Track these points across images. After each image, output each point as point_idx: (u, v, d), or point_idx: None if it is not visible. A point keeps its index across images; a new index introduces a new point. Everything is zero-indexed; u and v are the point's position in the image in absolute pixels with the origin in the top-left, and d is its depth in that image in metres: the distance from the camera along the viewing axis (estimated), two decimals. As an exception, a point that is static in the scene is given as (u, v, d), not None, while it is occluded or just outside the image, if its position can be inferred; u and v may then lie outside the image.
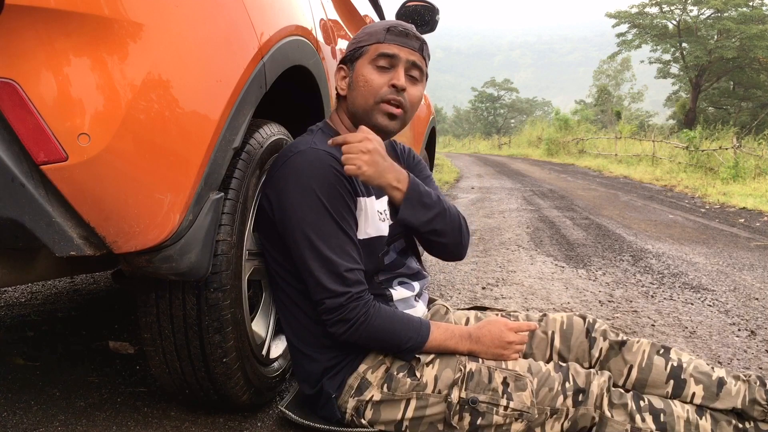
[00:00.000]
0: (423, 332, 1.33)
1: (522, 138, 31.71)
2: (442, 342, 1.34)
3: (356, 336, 1.30)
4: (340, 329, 1.30)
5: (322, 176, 1.30)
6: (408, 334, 1.32)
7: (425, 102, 3.88)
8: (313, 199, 1.29)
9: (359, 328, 1.29)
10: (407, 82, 1.40)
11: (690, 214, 6.55)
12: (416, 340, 1.32)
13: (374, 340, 1.32)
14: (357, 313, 1.28)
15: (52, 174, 0.95)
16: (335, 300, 1.28)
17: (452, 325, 1.38)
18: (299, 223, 1.30)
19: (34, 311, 2.33)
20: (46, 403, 1.51)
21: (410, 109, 1.42)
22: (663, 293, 3.06)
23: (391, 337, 1.31)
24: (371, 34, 1.41)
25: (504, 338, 1.35)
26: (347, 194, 1.33)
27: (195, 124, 1.12)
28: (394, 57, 1.38)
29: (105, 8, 0.97)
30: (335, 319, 1.29)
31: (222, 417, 1.46)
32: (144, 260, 1.13)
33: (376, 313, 1.30)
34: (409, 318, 1.35)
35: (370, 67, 1.39)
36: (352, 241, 1.32)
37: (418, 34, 1.43)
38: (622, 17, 33.38)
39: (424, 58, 1.43)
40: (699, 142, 13.19)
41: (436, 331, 1.34)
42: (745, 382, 1.36)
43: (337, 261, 1.28)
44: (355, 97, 1.41)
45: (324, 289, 1.29)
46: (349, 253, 1.31)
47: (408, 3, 2.82)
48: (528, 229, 5.19)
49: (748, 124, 24.62)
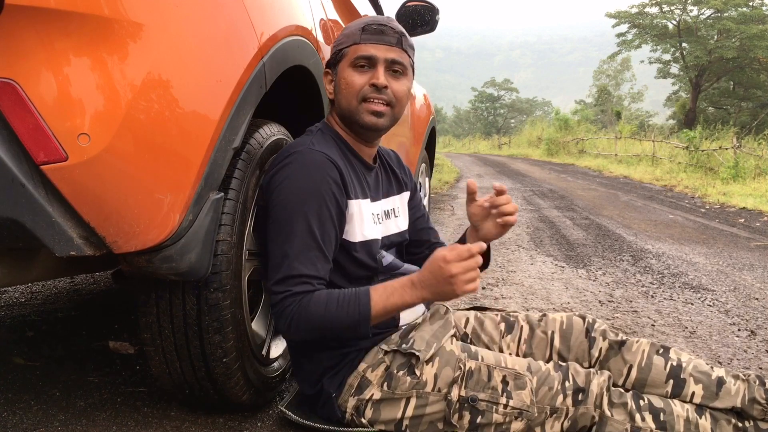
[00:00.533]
0: (363, 301, 1.25)
1: (522, 138, 31.71)
2: (387, 301, 1.25)
3: (297, 329, 1.26)
4: (282, 326, 1.28)
5: (315, 178, 1.31)
6: (348, 311, 1.24)
7: (425, 102, 3.89)
8: (298, 198, 1.30)
9: (296, 320, 1.25)
10: (389, 78, 1.39)
11: (690, 214, 6.55)
12: (360, 312, 1.25)
13: (317, 329, 1.27)
14: (291, 309, 1.25)
15: (52, 174, 0.95)
16: (274, 297, 1.28)
17: (392, 281, 1.29)
18: (278, 214, 1.31)
19: (34, 311, 2.33)
20: (46, 403, 1.51)
21: (397, 103, 1.42)
22: (663, 293, 3.06)
23: (332, 320, 1.25)
24: (348, 35, 1.41)
25: (445, 273, 1.20)
26: (337, 198, 1.33)
27: (195, 124, 1.12)
28: (371, 58, 1.38)
29: (105, 8, 0.97)
30: (276, 316, 1.29)
31: (222, 417, 1.46)
32: (144, 260, 1.13)
33: (309, 302, 1.25)
34: (344, 294, 1.27)
35: (350, 69, 1.39)
36: (318, 246, 1.29)
37: (395, 27, 1.41)
38: (622, 17, 33.38)
39: (405, 50, 1.41)
40: (699, 142, 13.18)
41: (375, 295, 1.26)
42: (745, 382, 1.37)
43: (291, 264, 1.27)
44: (340, 100, 1.42)
45: (272, 281, 1.29)
46: (309, 259, 1.28)
47: (408, 3, 2.82)
48: (528, 229, 5.19)
49: (748, 124, 24.62)
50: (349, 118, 1.42)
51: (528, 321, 1.54)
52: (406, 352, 1.33)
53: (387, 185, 1.57)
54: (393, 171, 1.61)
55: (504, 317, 1.56)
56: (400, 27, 1.43)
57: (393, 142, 2.68)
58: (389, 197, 1.56)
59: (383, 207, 1.52)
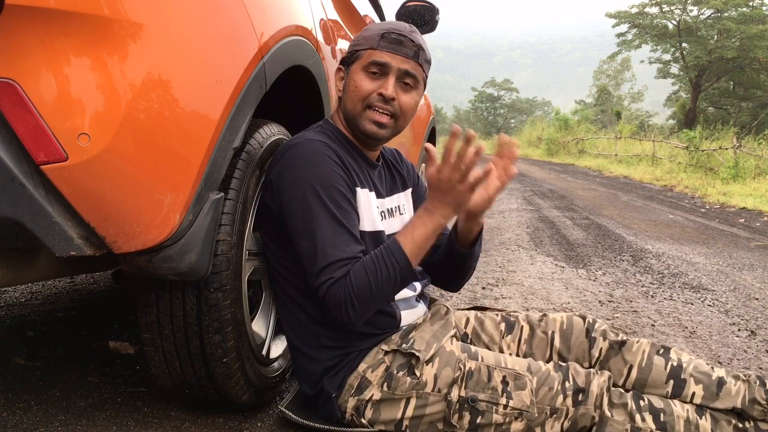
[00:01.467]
0: (394, 250, 1.26)
1: (522, 138, 31.67)
2: (414, 237, 1.27)
3: (355, 310, 1.25)
4: (341, 315, 1.26)
5: (320, 165, 1.31)
6: (387, 266, 1.25)
7: (425, 102, 3.88)
8: (309, 190, 1.29)
9: (350, 301, 1.24)
10: (399, 90, 1.38)
11: (690, 214, 6.55)
12: (398, 261, 1.26)
13: (373, 297, 1.26)
14: (340, 294, 1.25)
15: (52, 174, 0.95)
16: (320, 291, 1.27)
17: (408, 221, 1.33)
18: (298, 211, 1.30)
19: (34, 311, 2.33)
20: (46, 403, 1.51)
21: (402, 116, 1.41)
22: (663, 293, 3.06)
23: (380, 282, 1.25)
24: (367, 38, 1.41)
25: (442, 183, 1.24)
26: (345, 182, 1.33)
27: (195, 124, 1.12)
28: (385, 65, 1.37)
29: (105, 8, 0.97)
30: (332, 310, 1.27)
31: (222, 417, 1.46)
32: (144, 260, 1.13)
33: (352, 280, 1.25)
34: (375, 255, 1.27)
35: (362, 73, 1.39)
36: (345, 229, 1.29)
37: (415, 39, 1.39)
38: (622, 17, 33.36)
39: (420, 64, 1.40)
40: (699, 142, 13.18)
41: (402, 239, 1.28)
42: (745, 382, 1.37)
43: (325, 252, 1.26)
44: (347, 101, 1.42)
45: (312, 277, 1.28)
46: (340, 243, 1.27)
47: (408, 3, 2.82)
48: (528, 229, 5.19)
49: (748, 124, 24.61)
50: (352, 121, 1.42)
51: (528, 321, 1.53)
52: (406, 352, 1.33)
53: (391, 183, 1.57)
54: (396, 169, 1.61)
55: (504, 317, 1.56)
56: (420, 40, 1.41)
57: (393, 142, 2.67)
58: (394, 195, 1.56)
59: (388, 205, 1.52)
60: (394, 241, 1.28)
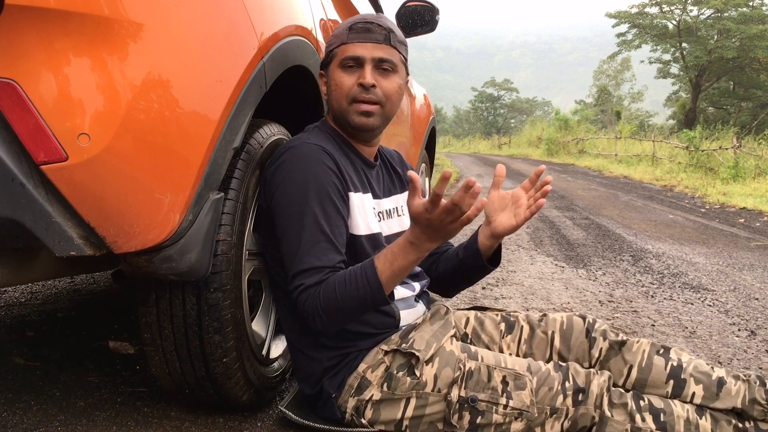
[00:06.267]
0: (369, 273, 1.23)
1: (522, 138, 31.71)
2: (392, 266, 1.23)
3: (323, 321, 1.26)
4: (312, 323, 1.28)
5: (313, 170, 1.31)
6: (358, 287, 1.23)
7: (425, 102, 3.88)
8: (298, 194, 1.30)
9: (318, 311, 1.25)
10: (378, 76, 1.39)
11: (690, 214, 6.55)
12: (370, 285, 1.23)
13: (340, 312, 1.25)
14: (310, 303, 1.25)
15: (52, 174, 0.95)
16: (293, 295, 1.28)
17: (392, 246, 1.26)
18: (284, 212, 1.31)
19: (34, 311, 2.33)
20: (46, 403, 1.51)
21: (387, 102, 1.41)
22: (663, 293, 3.06)
23: (348, 299, 1.23)
24: (337, 36, 1.42)
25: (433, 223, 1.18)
26: (337, 189, 1.34)
27: (195, 124, 1.12)
28: (359, 58, 1.38)
29: (105, 8, 0.97)
30: (305, 317, 1.29)
31: (222, 417, 1.46)
32: (144, 260, 1.13)
33: (322, 291, 1.25)
34: (350, 272, 1.26)
35: (339, 70, 1.40)
36: (326, 237, 1.29)
37: (383, 24, 1.40)
38: (622, 17, 33.38)
39: (394, 46, 1.40)
40: (699, 142, 13.18)
41: (379, 263, 1.24)
42: (745, 382, 1.36)
43: (302, 258, 1.27)
44: (332, 102, 1.43)
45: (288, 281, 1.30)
46: (318, 251, 1.28)
47: (408, 3, 2.82)
48: (528, 229, 5.19)
49: (748, 124, 24.61)
50: (341, 119, 1.43)
51: (528, 321, 1.53)
52: (406, 352, 1.33)
53: (389, 184, 1.57)
54: (395, 170, 1.61)
55: (504, 317, 1.56)
56: (389, 23, 1.42)
57: (393, 142, 2.68)
58: (392, 196, 1.56)
59: (386, 206, 1.52)
60: (372, 265, 1.25)
